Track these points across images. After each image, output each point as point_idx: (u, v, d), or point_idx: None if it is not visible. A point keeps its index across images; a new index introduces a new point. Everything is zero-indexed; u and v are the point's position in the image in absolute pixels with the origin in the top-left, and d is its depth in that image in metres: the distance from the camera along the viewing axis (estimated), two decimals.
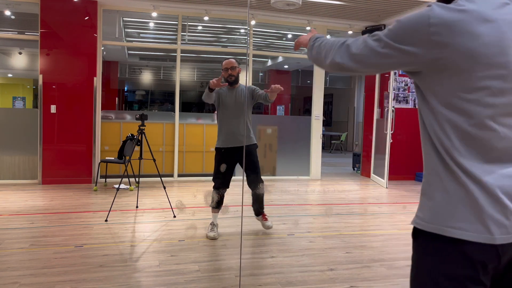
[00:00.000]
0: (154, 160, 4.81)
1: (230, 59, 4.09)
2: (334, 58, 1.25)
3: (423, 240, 1.13)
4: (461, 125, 1.06)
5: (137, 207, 5.11)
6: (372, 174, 8.04)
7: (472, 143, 1.06)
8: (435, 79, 1.09)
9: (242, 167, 3.99)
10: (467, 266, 1.05)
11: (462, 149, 1.07)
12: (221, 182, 4.00)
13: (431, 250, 1.10)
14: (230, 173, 4.03)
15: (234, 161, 4.05)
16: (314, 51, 1.38)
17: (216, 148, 4.08)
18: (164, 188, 4.85)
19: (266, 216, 4.24)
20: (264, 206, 4.24)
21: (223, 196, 4.07)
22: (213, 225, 4.05)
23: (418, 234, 1.15)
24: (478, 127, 1.05)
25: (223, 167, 3.96)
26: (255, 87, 4.16)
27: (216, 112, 4.16)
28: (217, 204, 4.05)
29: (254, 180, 4.02)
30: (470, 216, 1.05)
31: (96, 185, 6.34)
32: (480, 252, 1.05)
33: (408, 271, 3.27)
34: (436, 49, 1.04)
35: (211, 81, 3.81)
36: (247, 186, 4.04)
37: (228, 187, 4.05)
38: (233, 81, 4.05)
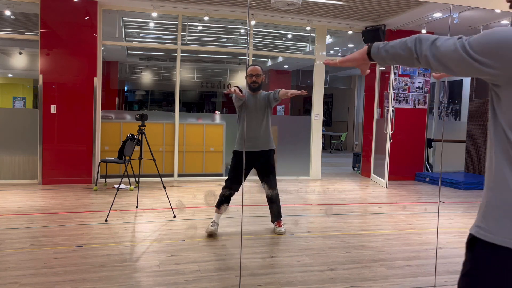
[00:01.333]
0: (154, 160, 4.81)
1: (256, 66, 4.15)
2: (432, 49, 1.21)
3: (483, 251, 1.12)
4: None
5: (137, 207, 5.11)
6: (372, 174, 8.04)
7: None
8: (510, 93, 1.10)
9: (257, 171, 4.11)
10: None
11: None
12: (234, 184, 4.05)
13: (495, 262, 1.09)
14: (244, 177, 4.08)
15: (251, 165, 4.11)
16: (390, 51, 1.32)
17: (235, 151, 4.15)
18: (164, 188, 4.85)
19: (281, 223, 4.26)
20: (262, 206, 4.26)
21: (230, 198, 4.11)
22: (214, 222, 4.08)
23: (475, 244, 1.15)
24: None
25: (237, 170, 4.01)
26: (271, 91, 4.20)
27: (237, 115, 4.19)
28: (222, 204, 4.08)
29: (273, 184, 4.13)
30: None
31: (96, 185, 6.34)
32: None
33: (408, 271, 3.28)
34: None
35: (236, 92, 3.85)
36: (247, 186, 4.04)
37: (238, 190, 4.07)
38: (256, 88, 4.12)
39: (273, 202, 4.22)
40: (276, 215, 4.25)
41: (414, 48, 1.24)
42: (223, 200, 4.09)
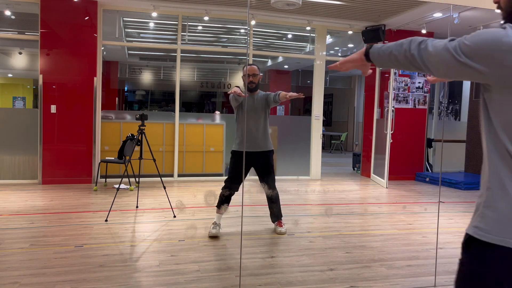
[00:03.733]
0: (154, 160, 4.81)
1: (253, 66, 4.11)
2: (426, 49, 1.21)
3: (481, 251, 1.13)
4: None
5: (137, 207, 5.11)
6: (372, 174, 8.04)
7: None
8: (502, 94, 1.11)
9: (256, 171, 4.10)
10: None
11: None
12: (233, 184, 4.04)
13: (494, 262, 1.10)
14: (243, 176, 4.06)
15: (250, 165, 4.10)
16: (389, 53, 1.31)
17: (233, 151, 4.14)
18: (164, 188, 4.85)
19: (282, 223, 4.26)
20: (262, 206, 4.26)
21: (230, 198, 4.10)
22: (216, 224, 4.07)
23: (472, 244, 1.15)
24: None
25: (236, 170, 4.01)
26: (270, 92, 4.19)
27: (235, 115, 4.18)
28: (222, 204, 4.08)
29: (272, 185, 4.12)
30: None
31: (96, 185, 6.34)
32: None
33: (408, 271, 3.28)
34: (507, 71, 1.07)
35: (236, 93, 3.84)
36: (247, 186, 4.04)
37: (237, 190, 4.07)
38: (253, 88, 4.10)
39: (273, 202, 4.22)
40: (276, 215, 4.24)
41: (407, 48, 1.24)
42: (223, 200, 4.09)
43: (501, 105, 1.11)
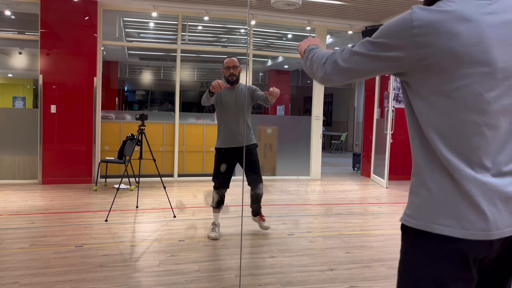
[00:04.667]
0: (154, 160, 4.81)
1: (232, 58, 4.02)
2: (324, 72, 1.28)
3: (410, 237, 1.16)
4: (444, 123, 1.08)
5: (137, 207, 5.11)
6: (372, 174, 8.04)
7: (455, 142, 1.08)
8: (420, 79, 1.11)
9: (242, 167, 3.95)
10: (454, 262, 1.07)
11: (445, 147, 1.08)
12: (221, 182, 3.98)
13: (418, 245, 1.13)
14: (229, 173, 4.00)
15: (234, 161, 4.02)
16: (307, 63, 1.40)
17: (216, 148, 4.04)
18: (164, 188, 4.85)
19: (264, 217, 4.23)
20: (262, 206, 4.24)
21: (224, 196, 4.04)
22: (215, 225, 4.04)
23: (405, 231, 1.18)
24: (462, 125, 1.07)
25: (223, 167, 3.94)
26: (256, 87, 4.11)
27: (215, 112, 4.13)
28: (218, 204, 4.02)
29: (254, 180, 3.99)
30: (456, 213, 1.07)
31: (96, 185, 6.34)
32: (469, 248, 1.07)
33: None
34: (420, 50, 1.07)
35: (214, 83, 3.67)
36: (247, 185, 4.04)
37: (228, 187, 4.02)
38: (234, 81, 3.98)
39: (253, 202, 4.07)
40: (256, 211, 4.13)
41: (323, 61, 1.30)
42: (219, 201, 4.01)
43: (424, 87, 1.11)
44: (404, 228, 1.18)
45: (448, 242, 1.06)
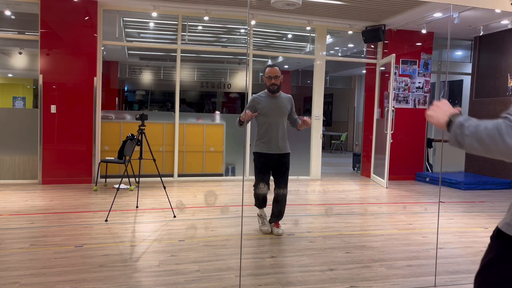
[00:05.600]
0: (154, 160, 4.81)
1: (275, 68, 4.10)
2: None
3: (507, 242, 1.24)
4: None
5: (137, 207, 5.11)
6: (372, 174, 8.04)
7: None
8: None
9: (273, 172, 4.11)
10: None
11: None
12: (260, 182, 4.07)
13: None
14: (269, 175, 4.13)
15: (269, 166, 4.11)
16: (472, 141, 1.21)
17: (254, 153, 4.16)
18: (164, 188, 4.85)
19: (280, 224, 4.27)
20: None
21: (266, 196, 4.15)
22: (262, 217, 4.21)
23: (502, 237, 1.26)
24: None
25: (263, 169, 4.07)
26: (292, 99, 4.25)
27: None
28: (260, 204, 4.18)
29: (283, 186, 4.12)
30: None
31: (96, 185, 6.34)
32: None
33: (408, 271, 3.28)
34: None
35: (247, 115, 3.89)
36: (247, 186, 4.04)
37: (269, 188, 4.12)
38: (275, 90, 4.10)
39: (279, 202, 4.18)
40: (277, 216, 4.22)
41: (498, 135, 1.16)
42: (261, 200, 4.16)
43: None
44: (501, 233, 1.26)
45: None
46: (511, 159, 1.15)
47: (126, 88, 13.33)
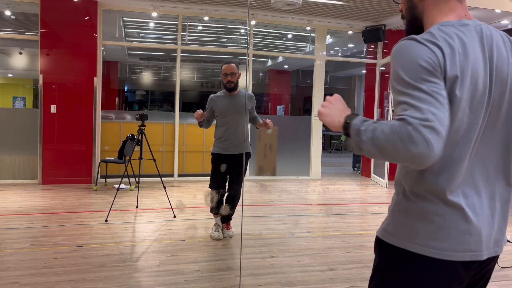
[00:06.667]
0: (154, 160, 4.81)
1: (231, 64, 3.90)
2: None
3: (387, 251, 1.24)
4: None
5: (137, 207, 5.11)
6: (372, 174, 8.04)
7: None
8: None
9: (229, 173, 3.90)
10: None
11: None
12: (219, 185, 3.93)
13: (395, 261, 1.20)
14: (225, 177, 3.96)
15: (227, 167, 3.90)
16: (375, 148, 1.04)
17: (212, 154, 3.98)
18: (164, 188, 4.85)
19: (230, 226, 4.12)
20: (263, 206, 4.23)
21: (222, 198, 3.98)
22: (217, 226, 4.02)
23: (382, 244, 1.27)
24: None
25: (223, 167, 3.90)
26: (254, 97, 4.08)
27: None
28: (215, 208, 3.95)
29: (235, 188, 3.94)
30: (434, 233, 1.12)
31: (96, 185, 6.34)
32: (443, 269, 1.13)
33: None
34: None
35: (195, 114, 3.75)
36: (247, 186, 4.03)
37: (225, 189, 3.97)
38: (232, 88, 3.89)
39: (228, 203, 4.01)
40: (226, 216, 4.07)
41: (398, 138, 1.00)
42: (215, 203, 3.94)
43: None
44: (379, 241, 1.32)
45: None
46: (420, 167, 1.01)
47: (126, 88, 13.33)
